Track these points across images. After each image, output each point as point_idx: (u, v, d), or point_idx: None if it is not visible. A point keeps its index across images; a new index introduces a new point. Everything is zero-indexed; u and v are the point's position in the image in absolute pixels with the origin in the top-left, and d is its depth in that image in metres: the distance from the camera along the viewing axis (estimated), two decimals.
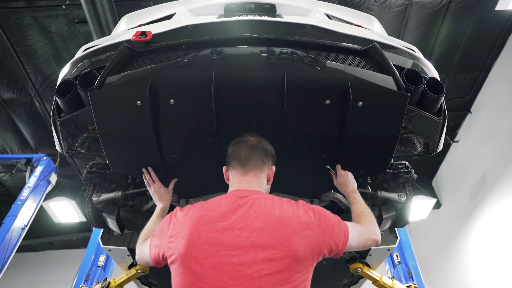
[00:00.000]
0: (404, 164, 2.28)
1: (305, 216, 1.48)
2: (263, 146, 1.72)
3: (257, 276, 1.32)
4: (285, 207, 1.50)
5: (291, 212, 1.47)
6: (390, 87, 1.70)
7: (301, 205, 1.54)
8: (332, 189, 2.23)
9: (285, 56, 1.72)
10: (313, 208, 1.55)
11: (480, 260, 6.84)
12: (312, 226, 1.46)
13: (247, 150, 1.68)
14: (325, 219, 1.52)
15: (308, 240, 1.42)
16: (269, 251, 1.36)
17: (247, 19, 2.02)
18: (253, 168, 1.67)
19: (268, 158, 1.73)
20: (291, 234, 1.40)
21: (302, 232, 1.43)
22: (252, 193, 1.57)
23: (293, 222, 1.44)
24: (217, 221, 1.45)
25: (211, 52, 1.72)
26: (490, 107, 6.96)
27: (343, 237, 1.55)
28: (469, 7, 5.81)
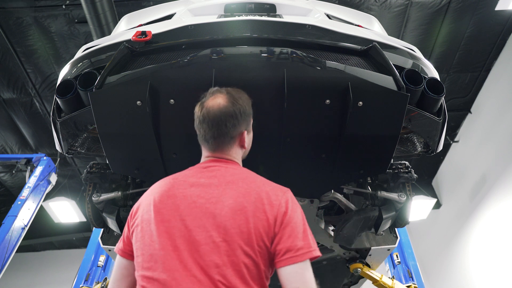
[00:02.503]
0: (404, 164, 2.28)
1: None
2: (230, 113, 1.46)
3: (204, 243, 1.25)
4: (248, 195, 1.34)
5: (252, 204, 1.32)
6: (390, 87, 1.71)
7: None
8: (332, 189, 2.23)
9: (285, 56, 1.72)
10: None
11: (480, 260, 6.84)
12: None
13: (210, 129, 1.46)
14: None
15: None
16: (222, 225, 1.28)
17: (247, 19, 2.02)
18: (220, 145, 1.49)
19: (239, 124, 1.49)
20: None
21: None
22: (221, 164, 1.46)
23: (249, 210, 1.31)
24: (178, 188, 1.38)
25: (211, 52, 1.72)
26: (490, 107, 6.96)
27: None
28: (469, 7, 5.81)
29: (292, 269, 1.24)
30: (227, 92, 1.50)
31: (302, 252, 1.25)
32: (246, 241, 1.25)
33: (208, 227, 1.26)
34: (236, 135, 1.49)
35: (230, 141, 1.49)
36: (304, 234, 1.30)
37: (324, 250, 2.81)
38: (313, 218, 2.33)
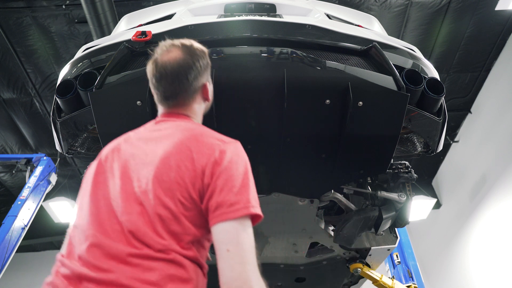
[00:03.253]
0: (404, 164, 2.28)
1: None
2: (190, 64, 1.34)
3: (126, 193, 1.16)
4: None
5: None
6: (390, 87, 1.71)
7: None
8: (332, 189, 2.23)
9: (285, 56, 1.72)
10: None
11: (480, 260, 6.83)
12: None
13: (171, 85, 1.33)
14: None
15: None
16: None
17: (247, 19, 2.02)
18: (181, 101, 1.36)
19: (201, 75, 1.37)
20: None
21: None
22: (174, 118, 1.35)
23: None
24: (125, 143, 1.30)
25: (211, 52, 1.72)
26: (490, 107, 6.96)
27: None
28: (469, 7, 5.81)
29: (223, 228, 1.08)
30: (180, 43, 1.38)
31: (235, 208, 1.09)
32: (166, 192, 1.13)
33: (134, 178, 1.18)
34: (199, 87, 1.37)
35: (193, 95, 1.37)
36: (241, 188, 1.13)
37: (324, 250, 2.81)
38: (313, 218, 2.33)
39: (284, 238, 2.58)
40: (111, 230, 1.10)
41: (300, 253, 2.73)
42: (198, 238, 1.14)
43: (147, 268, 1.03)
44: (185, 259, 1.09)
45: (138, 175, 1.18)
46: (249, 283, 1.03)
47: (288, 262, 2.87)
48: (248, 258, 1.07)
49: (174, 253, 1.07)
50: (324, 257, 2.84)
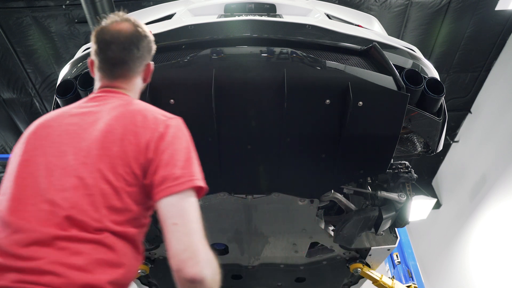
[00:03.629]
0: (404, 164, 2.28)
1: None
2: (142, 37, 1.34)
3: (59, 167, 1.11)
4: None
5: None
6: (390, 87, 1.71)
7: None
8: (332, 189, 2.23)
9: (285, 56, 1.72)
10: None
11: (480, 260, 6.83)
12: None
13: (121, 51, 1.31)
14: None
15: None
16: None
17: (247, 19, 2.02)
18: (125, 73, 1.34)
19: (149, 52, 1.38)
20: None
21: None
22: (113, 94, 1.30)
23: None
24: (57, 119, 1.24)
25: (211, 52, 1.72)
26: (490, 107, 6.95)
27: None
28: (469, 7, 5.81)
29: (169, 202, 1.07)
30: (131, 19, 1.37)
31: (180, 181, 1.09)
32: (108, 166, 1.09)
33: (69, 152, 1.12)
34: (145, 64, 1.37)
35: (138, 69, 1.35)
36: (186, 162, 1.13)
37: (324, 250, 2.81)
38: (313, 218, 2.33)
39: (284, 238, 2.58)
40: (36, 211, 1.04)
41: (300, 253, 2.73)
42: (137, 216, 1.13)
43: (74, 252, 0.99)
44: (118, 241, 1.06)
45: (75, 149, 1.13)
46: (197, 253, 1.04)
47: (288, 262, 2.87)
48: (194, 230, 1.08)
49: (108, 233, 1.04)
50: (324, 257, 2.84)
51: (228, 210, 2.26)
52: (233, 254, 2.72)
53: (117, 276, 1.03)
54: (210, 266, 1.07)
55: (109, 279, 1.00)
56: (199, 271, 1.03)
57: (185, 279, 1.03)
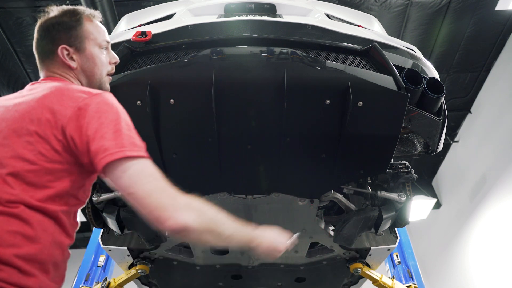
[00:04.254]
0: (404, 164, 2.28)
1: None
2: (48, 26, 1.37)
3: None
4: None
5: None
6: (390, 87, 1.71)
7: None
8: (332, 189, 2.23)
9: (285, 56, 1.72)
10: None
11: (480, 260, 6.83)
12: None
13: (36, 43, 1.39)
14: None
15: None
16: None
17: (247, 19, 2.02)
18: (44, 64, 1.38)
19: (54, 40, 1.36)
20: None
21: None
22: (49, 80, 1.33)
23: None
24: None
25: (211, 52, 1.72)
26: (490, 107, 6.96)
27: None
28: (469, 7, 5.81)
29: (111, 174, 1.10)
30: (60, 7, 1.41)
31: (110, 152, 1.09)
32: (25, 144, 1.11)
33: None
34: (53, 49, 1.35)
35: (49, 55, 1.36)
36: (114, 134, 1.12)
37: (324, 250, 2.81)
38: (313, 218, 2.33)
39: None
40: None
41: (300, 253, 2.73)
42: (61, 193, 1.13)
43: None
44: (35, 215, 1.05)
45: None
46: (165, 208, 1.07)
47: (288, 262, 2.87)
48: (151, 190, 1.09)
49: (24, 206, 1.04)
50: (324, 257, 2.84)
51: (228, 210, 2.26)
52: (233, 254, 2.72)
53: (30, 251, 1.01)
54: (188, 210, 1.09)
55: (17, 253, 0.99)
56: (175, 222, 1.07)
57: (169, 232, 1.09)
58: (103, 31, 1.47)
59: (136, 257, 2.83)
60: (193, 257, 2.78)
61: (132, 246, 2.70)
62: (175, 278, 3.09)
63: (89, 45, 1.39)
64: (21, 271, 0.99)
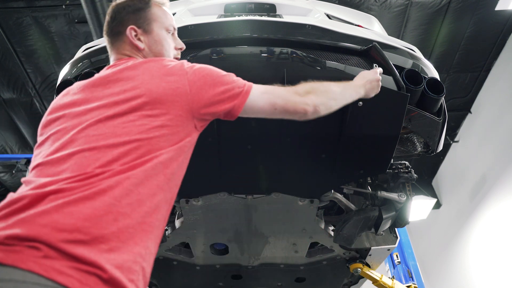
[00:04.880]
0: (404, 164, 2.28)
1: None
2: (119, 8, 1.40)
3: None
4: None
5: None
6: (390, 87, 1.71)
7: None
8: (332, 189, 2.23)
9: (285, 56, 1.72)
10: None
11: (480, 260, 6.83)
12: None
13: (106, 26, 1.42)
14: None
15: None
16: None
17: (247, 19, 2.02)
18: (114, 47, 1.41)
19: (123, 21, 1.39)
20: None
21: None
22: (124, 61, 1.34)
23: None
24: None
25: (211, 52, 1.72)
26: (490, 107, 6.96)
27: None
28: (469, 7, 5.81)
29: (248, 104, 1.30)
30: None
31: (239, 87, 1.28)
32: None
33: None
34: (122, 30, 1.38)
35: (119, 36, 1.39)
36: (225, 76, 1.29)
37: (324, 250, 2.81)
38: (313, 218, 2.33)
39: (284, 238, 2.58)
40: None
41: (300, 253, 2.73)
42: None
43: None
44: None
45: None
46: (300, 102, 1.35)
47: (288, 262, 2.87)
48: (284, 96, 1.36)
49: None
50: (324, 257, 2.84)
51: (228, 210, 2.26)
52: (233, 254, 2.72)
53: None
54: (310, 96, 1.36)
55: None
56: (311, 110, 1.34)
57: (310, 116, 1.35)
58: (171, 17, 1.49)
59: None
60: (193, 257, 2.78)
61: None
62: (175, 278, 3.09)
63: (157, 27, 1.42)
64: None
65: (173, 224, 2.45)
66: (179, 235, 2.48)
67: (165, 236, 2.40)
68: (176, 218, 2.45)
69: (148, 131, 1.08)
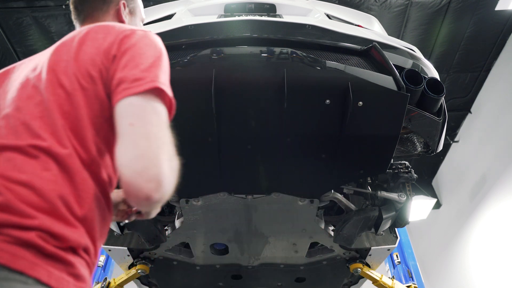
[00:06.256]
0: (404, 164, 2.29)
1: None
2: None
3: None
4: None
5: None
6: (390, 87, 1.70)
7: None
8: (332, 189, 2.23)
9: (285, 56, 1.72)
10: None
11: (480, 260, 6.83)
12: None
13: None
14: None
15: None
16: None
17: (247, 19, 2.02)
18: (89, 14, 1.30)
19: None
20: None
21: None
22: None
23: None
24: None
25: (211, 52, 1.72)
26: (490, 107, 6.96)
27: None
28: (469, 7, 5.81)
29: (126, 102, 0.91)
30: None
31: (139, 83, 0.93)
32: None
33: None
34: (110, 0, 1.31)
35: (104, 7, 1.30)
36: (151, 67, 0.98)
37: (324, 250, 2.81)
38: (313, 218, 2.33)
39: (284, 238, 2.58)
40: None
41: (300, 253, 2.73)
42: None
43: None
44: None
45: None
46: (158, 162, 0.86)
47: (288, 262, 2.87)
48: (157, 135, 0.89)
49: None
50: (324, 257, 2.84)
51: (228, 210, 2.26)
52: (233, 254, 2.72)
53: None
54: (171, 180, 0.91)
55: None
56: (157, 188, 0.85)
57: (138, 196, 0.85)
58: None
59: (136, 257, 2.84)
60: (193, 257, 2.78)
61: (132, 246, 2.70)
62: (175, 278, 3.09)
63: (138, 13, 1.44)
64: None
65: (173, 224, 2.45)
66: (179, 235, 2.48)
67: (165, 236, 2.40)
68: (176, 218, 2.45)
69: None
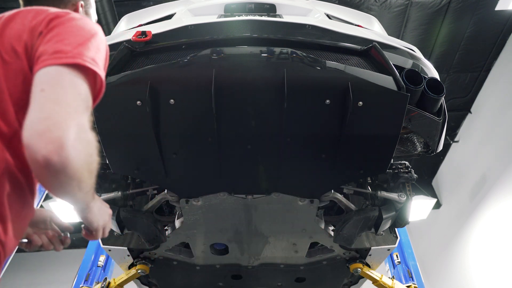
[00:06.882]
0: (404, 164, 2.29)
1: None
2: None
3: None
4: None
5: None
6: (390, 87, 1.70)
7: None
8: (332, 189, 2.23)
9: (285, 56, 1.72)
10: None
11: (480, 260, 6.84)
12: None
13: None
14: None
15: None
16: None
17: (247, 19, 2.03)
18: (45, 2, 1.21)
19: None
20: None
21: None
22: None
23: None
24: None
25: (211, 52, 1.72)
26: (490, 107, 6.96)
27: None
28: (469, 7, 5.81)
29: (42, 71, 0.88)
30: None
31: (59, 56, 0.89)
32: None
33: None
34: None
35: (60, 4, 1.25)
36: (78, 45, 0.93)
37: (324, 250, 2.81)
38: (313, 218, 2.33)
39: (284, 238, 2.58)
40: None
41: (300, 253, 2.73)
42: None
43: None
44: None
45: None
46: (60, 126, 0.80)
47: (288, 262, 2.87)
48: (67, 102, 0.84)
49: None
50: (324, 257, 2.84)
51: (228, 210, 2.26)
52: (233, 254, 2.72)
53: None
54: (78, 149, 0.83)
55: None
56: (57, 150, 0.79)
57: (35, 160, 0.80)
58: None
59: (136, 257, 2.84)
60: (193, 257, 2.78)
61: (132, 246, 2.70)
62: (175, 278, 3.09)
63: (93, 16, 1.46)
64: None
65: (173, 224, 2.45)
66: (179, 235, 2.48)
67: (165, 236, 2.40)
68: (176, 218, 2.45)
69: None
